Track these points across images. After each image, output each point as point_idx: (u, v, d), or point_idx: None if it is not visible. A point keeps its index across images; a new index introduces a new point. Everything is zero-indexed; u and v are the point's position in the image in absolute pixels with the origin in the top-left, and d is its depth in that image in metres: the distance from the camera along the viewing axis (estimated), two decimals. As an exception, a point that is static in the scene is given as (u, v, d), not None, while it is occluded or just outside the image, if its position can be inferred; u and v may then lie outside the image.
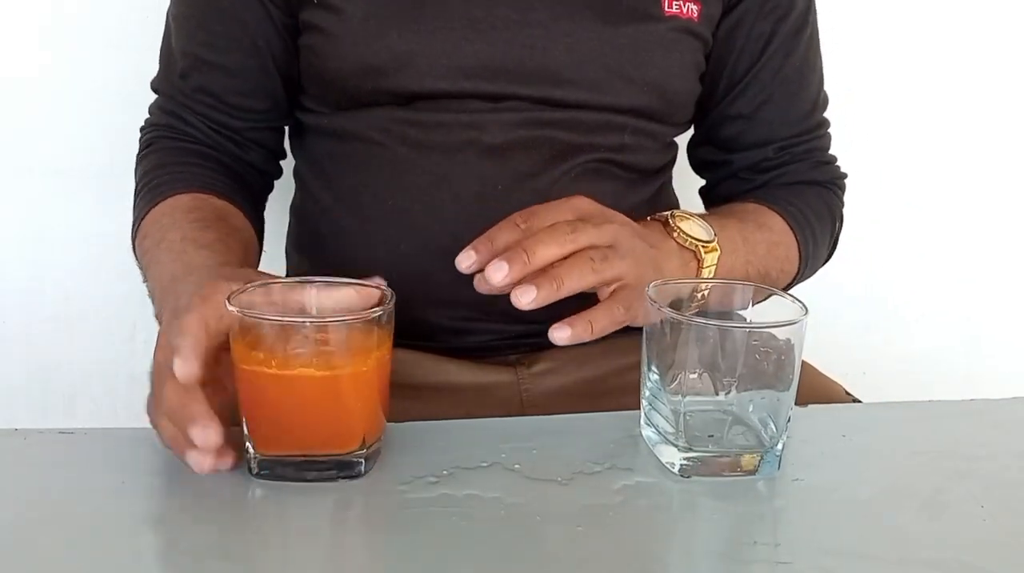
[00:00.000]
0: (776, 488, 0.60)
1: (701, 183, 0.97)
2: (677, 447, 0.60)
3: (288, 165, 0.92)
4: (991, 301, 1.36)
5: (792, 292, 0.62)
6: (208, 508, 0.57)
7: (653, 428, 0.63)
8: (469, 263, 0.65)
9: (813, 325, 0.59)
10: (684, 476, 0.60)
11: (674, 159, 0.91)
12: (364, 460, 0.59)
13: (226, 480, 0.58)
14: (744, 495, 0.59)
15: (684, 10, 0.81)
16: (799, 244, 0.86)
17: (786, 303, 0.61)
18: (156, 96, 0.87)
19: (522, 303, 0.63)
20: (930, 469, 0.63)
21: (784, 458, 0.61)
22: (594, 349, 0.82)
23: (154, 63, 0.87)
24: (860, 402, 0.81)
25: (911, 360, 1.33)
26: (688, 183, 0.96)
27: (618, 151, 0.82)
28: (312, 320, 0.60)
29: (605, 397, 0.73)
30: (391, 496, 0.57)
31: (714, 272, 0.76)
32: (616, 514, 0.57)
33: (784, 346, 0.59)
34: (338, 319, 0.59)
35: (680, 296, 0.65)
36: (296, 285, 0.62)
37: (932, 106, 1.28)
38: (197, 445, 0.55)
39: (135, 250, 0.81)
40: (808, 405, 0.70)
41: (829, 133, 0.93)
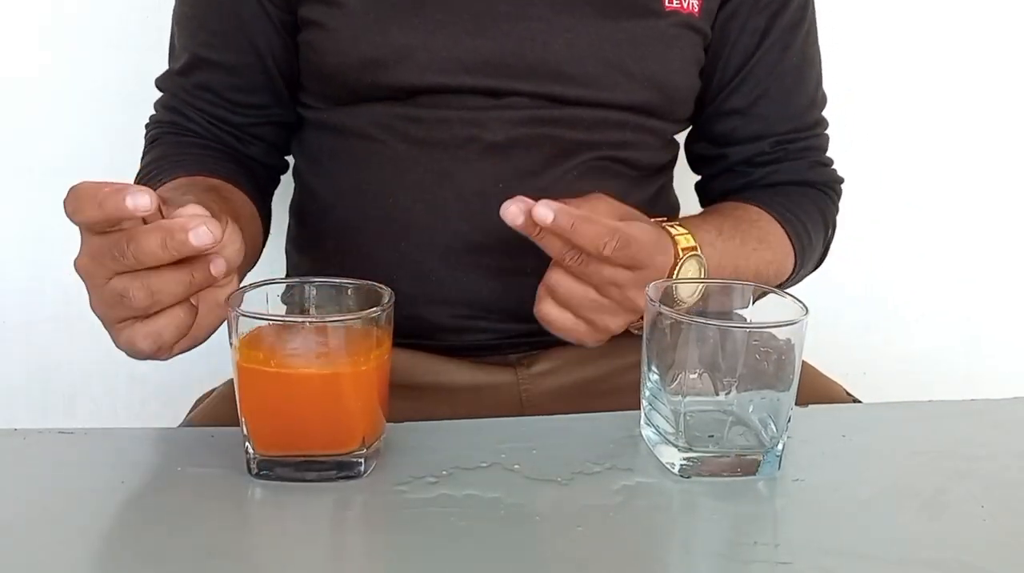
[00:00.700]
0: (776, 488, 0.60)
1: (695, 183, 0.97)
2: (677, 447, 0.60)
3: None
4: (991, 301, 1.36)
5: (792, 292, 0.62)
6: (208, 508, 0.57)
7: (653, 428, 0.63)
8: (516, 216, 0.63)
9: (813, 325, 0.59)
10: (684, 476, 0.60)
11: (675, 158, 0.91)
12: (364, 460, 0.59)
13: (226, 480, 0.58)
14: (744, 495, 0.59)
15: (685, 5, 0.81)
16: (795, 256, 0.86)
17: (786, 303, 0.61)
18: (161, 94, 0.88)
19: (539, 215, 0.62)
20: (930, 469, 0.63)
21: (784, 458, 0.61)
22: (594, 349, 0.83)
23: (154, 63, 0.88)
24: (860, 402, 0.81)
25: (911, 360, 1.32)
26: (688, 184, 0.96)
27: (620, 148, 0.82)
28: (312, 320, 0.60)
29: (605, 397, 0.73)
30: (391, 496, 0.57)
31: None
32: (616, 514, 0.57)
33: (784, 346, 0.58)
34: (338, 319, 0.59)
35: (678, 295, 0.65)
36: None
37: (932, 106, 1.28)
38: (204, 243, 0.55)
39: None
40: (808, 405, 0.70)
41: (827, 134, 0.92)
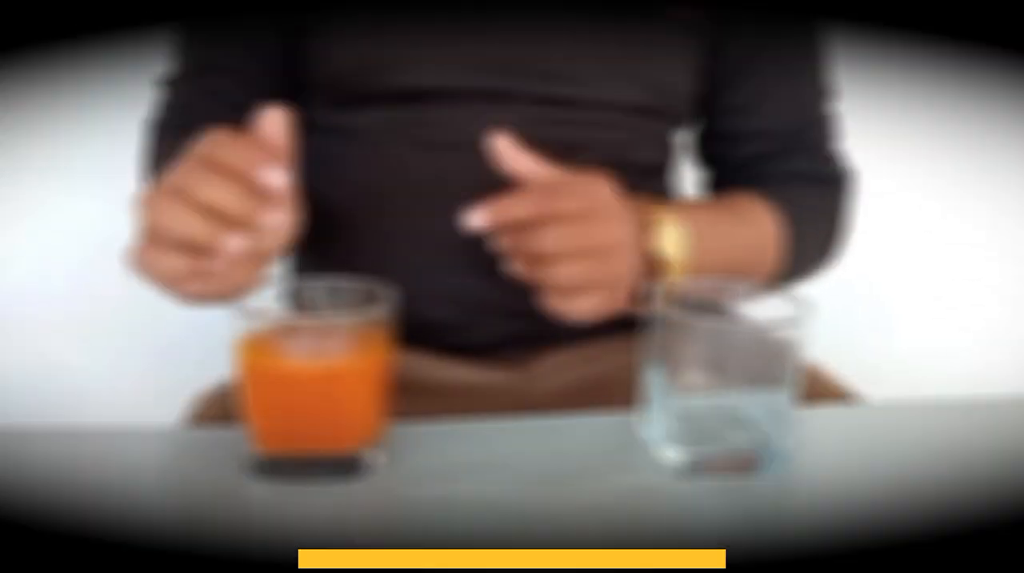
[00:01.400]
0: (776, 488, 0.60)
1: (698, 183, 0.96)
2: (677, 447, 0.60)
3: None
4: (991, 301, 1.36)
5: (792, 292, 0.62)
6: (208, 508, 0.57)
7: (653, 428, 0.63)
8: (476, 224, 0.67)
9: (813, 325, 0.59)
10: (684, 476, 0.60)
11: (674, 160, 0.91)
12: (364, 460, 0.59)
13: (226, 480, 0.59)
14: (744, 495, 0.59)
15: (684, 7, 0.81)
16: (785, 243, 0.84)
17: (787, 303, 0.61)
18: (159, 91, 0.88)
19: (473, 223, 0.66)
20: (930, 469, 0.63)
21: (784, 458, 0.61)
22: (594, 349, 0.83)
23: (156, 65, 0.87)
24: (860, 402, 0.81)
25: (911, 360, 1.32)
26: (688, 184, 0.96)
27: (619, 149, 0.82)
28: (312, 320, 0.60)
29: (605, 397, 0.73)
30: (391, 496, 0.57)
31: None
32: (616, 514, 0.57)
33: (784, 346, 0.59)
34: (338, 319, 0.59)
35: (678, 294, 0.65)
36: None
37: (932, 106, 1.28)
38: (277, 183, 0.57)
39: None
40: (808, 405, 0.70)
41: (838, 127, 0.91)
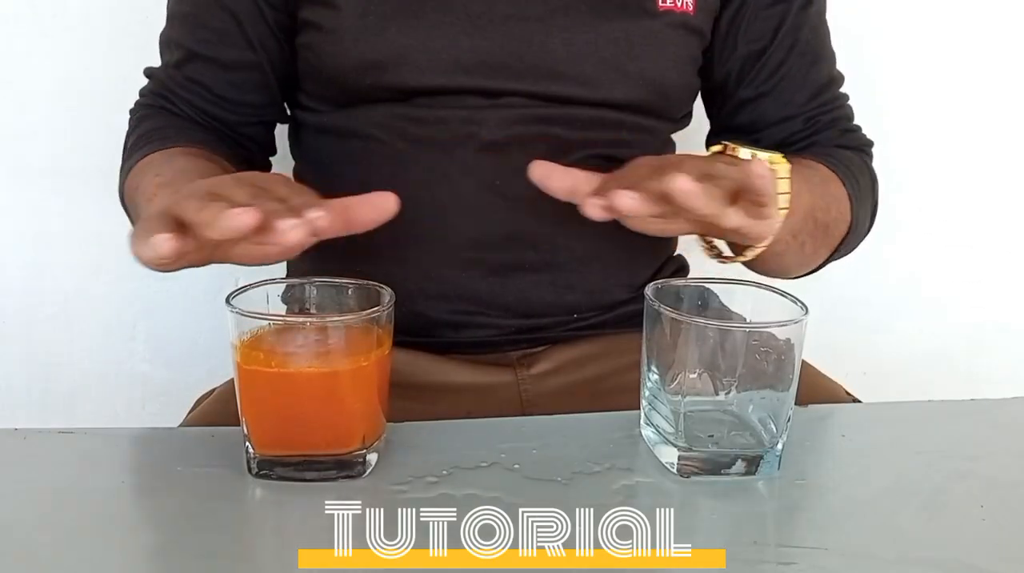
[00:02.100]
0: (776, 488, 0.60)
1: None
2: (677, 447, 0.60)
3: (287, 166, 0.92)
4: (991, 301, 1.36)
5: (792, 292, 0.62)
6: (208, 508, 0.57)
7: (653, 428, 0.63)
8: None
9: (813, 325, 0.59)
10: (684, 476, 0.60)
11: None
12: (364, 460, 0.59)
13: (226, 480, 0.58)
14: (744, 495, 0.59)
15: (679, 4, 0.81)
16: (848, 194, 0.83)
17: (786, 303, 0.61)
18: (148, 81, 0.88)
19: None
20: (930, 469, 0.63)
21: (784, 458, 0.61)
22: (594, 349, 0.83)
23: (154, 62, 0.87)
24: (860, 402, 0.81)
25: (911, 360, 1.32)
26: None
27: (616, 147, 0.82)
28: (312, 320, 0.60)
29: (605, 397, 0.73)
30: (391, 496, 0.57)
31: (789, 186, 0.71)
32: (616, 514, 0.57)
33: (784, 346, 0.59)
34: (338, 319, 0.59)
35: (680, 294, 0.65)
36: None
37: (932, 105, 1.28)
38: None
39: (122, 196, 0.82)
40: (808, 405, 0.70)
41: (850, 105, 0.91)
